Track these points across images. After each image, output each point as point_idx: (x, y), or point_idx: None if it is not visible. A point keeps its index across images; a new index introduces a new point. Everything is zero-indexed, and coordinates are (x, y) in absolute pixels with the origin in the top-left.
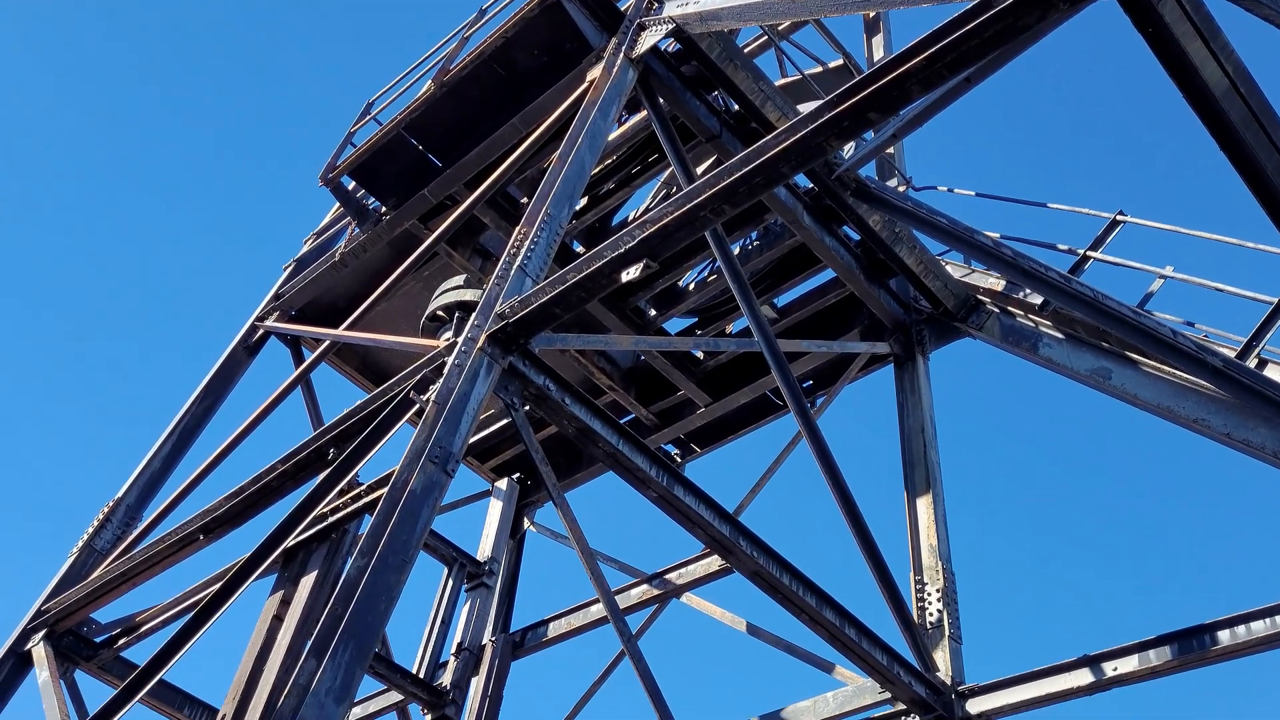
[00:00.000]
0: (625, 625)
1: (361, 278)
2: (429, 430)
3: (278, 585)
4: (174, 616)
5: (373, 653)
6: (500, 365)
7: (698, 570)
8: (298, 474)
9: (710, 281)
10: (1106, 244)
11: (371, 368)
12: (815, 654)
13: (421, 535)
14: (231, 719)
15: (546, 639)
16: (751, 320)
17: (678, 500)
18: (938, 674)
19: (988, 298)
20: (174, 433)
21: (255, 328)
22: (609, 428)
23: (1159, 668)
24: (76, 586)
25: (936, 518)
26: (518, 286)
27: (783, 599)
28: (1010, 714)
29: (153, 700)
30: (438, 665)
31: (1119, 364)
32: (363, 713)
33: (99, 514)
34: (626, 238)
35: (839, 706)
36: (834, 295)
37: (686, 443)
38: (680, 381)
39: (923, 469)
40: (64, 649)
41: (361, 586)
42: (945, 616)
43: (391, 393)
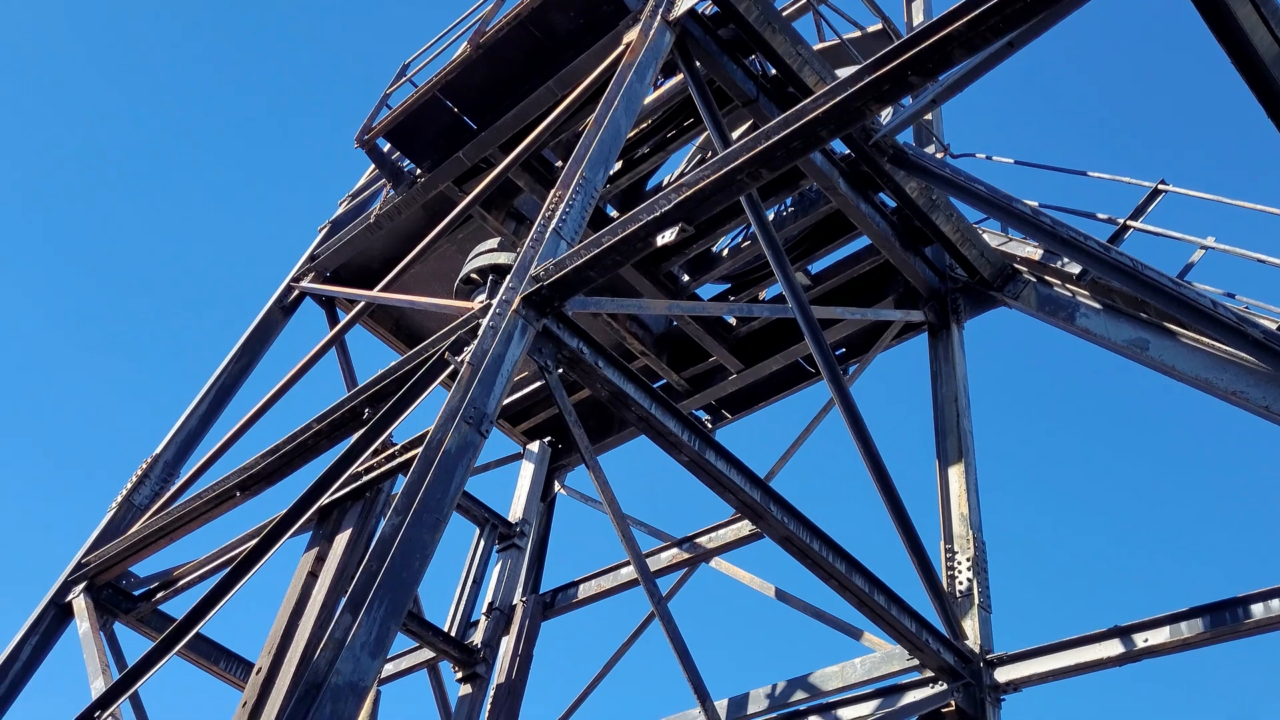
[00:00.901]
0: (655, 587)
1: (396, 240)
2: (463, 391)
3: (312, 542)
4: (211, 571)
5: (407, 609)
6: (534, 328)
7: (728, 535)
8: (333, 433)
9: (744, 247)
10: (1147, 213)
11: (405, 330)
12: (843, 620)
13: (456, 494)
14: (267, 672)
15: (576, 600)
16: (785, 286)
17: (709, 465)
18: (966, 642)
19: (1024, 267)
20: (211, 391)
21: (291, 288)
22: (642, 391)
23: (1190, 640)
24: (115, 541)
25: (968, 487)
26: (552, 249)
27: (812, 565)
28: (1039, 683)
29: (190, 653)
30: (469, 624)
31: (1157, 335)
32: (394, 669)
33: (138, 470)
34: (662, 201)
35: (866, 673)
36: (868, 263)
37: (718, 409)
38: (712, 347)
39: (955, 438)
40: (103, 601)
41: (396, 543)
42: (975, 585)
43: (426, 354)
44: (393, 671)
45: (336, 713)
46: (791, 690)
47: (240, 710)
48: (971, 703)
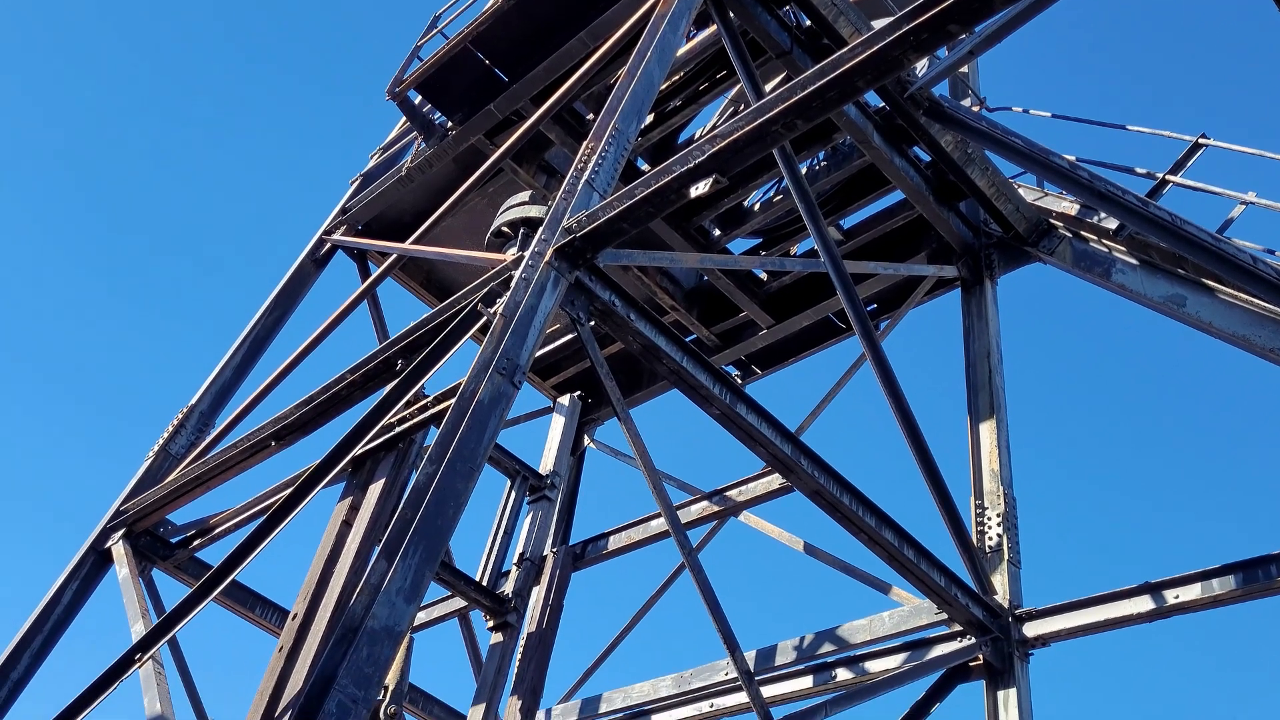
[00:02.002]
0: (686, 538)
1: (427, 193)
2: (496, 342)
3: (346, 492)
4: (246, 520)
5: (441, 556)
6: (567, 280)
7: (758, 488)
8: (366, 384)
9: (776, 202)
10: (1187, 168)
11: (436, 283)
12: (872, 575)
13: (489, 444)
14: (303, 617)
15: (606, 551)
16: (818, 240)
17: (740, 418)
18: (995, 597)
19: (1060, 222)
20: (245, 342)
21: (323, 241)
22: (673, 344)
23: (1221, 597)
24: (153, 489)
25: (999, 443)
26: (585, 201)
27: (842, 519)
28: (1067, 639)
29: (226, 600)
30: (500, 575)
31: (1194, 291)
32: (426, 617)
33: (174, 420)
34: (696, 152)
35: (894, 626)
36: (902, 218)
37: (747, 364)
38: (743, 303)
39: (987, 394)
40: (141, 548)
41: (431, 492)
42: (1005, 541)
43: (459, 305)
44: (425, 620)
45: (373, 656)
46: (819, 643)
47: (277, 655)
48: (999, 657)
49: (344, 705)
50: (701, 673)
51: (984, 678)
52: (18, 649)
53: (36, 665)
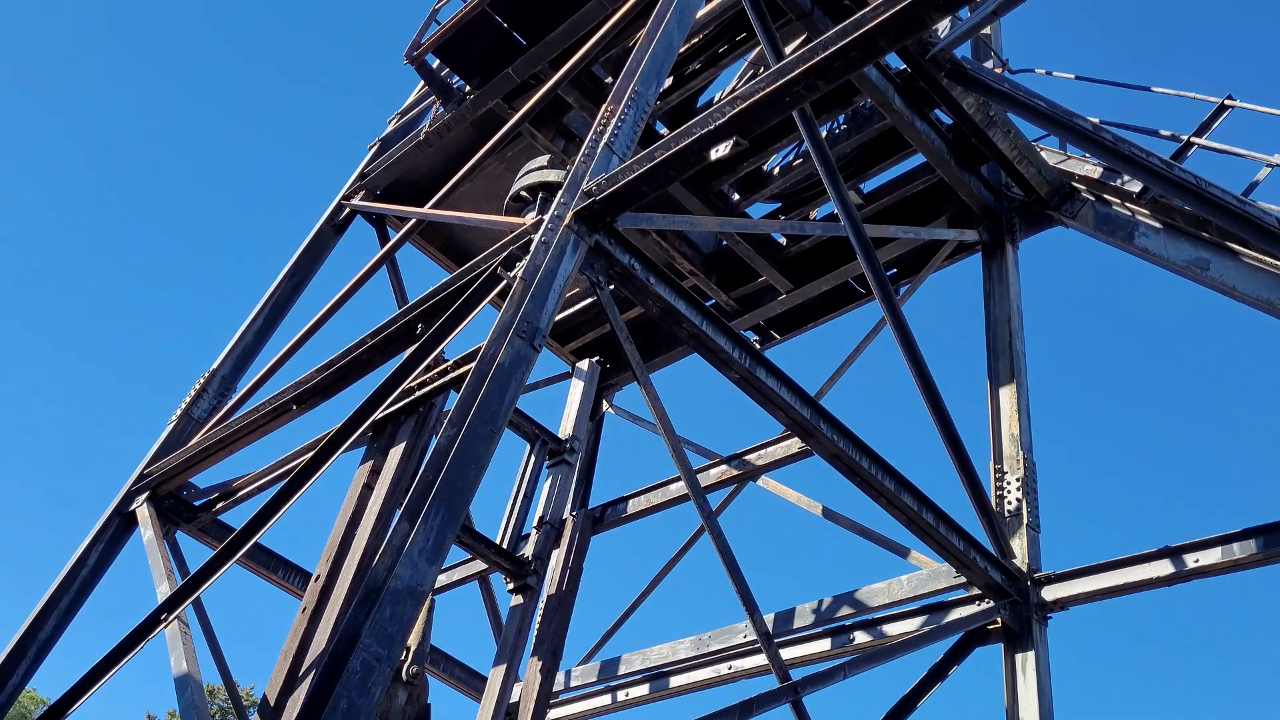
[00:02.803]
0: (705, 501)
1: (445, 158)
2: (516, 306)
3: (367, 456)
4: (268, 483)
5: (463, 517)
6: (586, 243)
7: (776, 452)
8: (386, 348)
9: (795, 166)
10: (1212, 130)
11: (455, 248)
12: (890, 539)
13: (509, 407)
14: (326, 579)
15: (625, 515)
16: (838, 203)
17: (759, 382)
18: (1014, 561)
19: (1083, 185)
20: (265, 307)
21: (341, 206)
22: (693, 308)
23: (1241, 561)
24: (176, 452)
25: (1019, 407)
26: (604, 164)
27: (861, 482)
28: (1086, 602)
29: (249, 562)
30: (520, 538)
31: (1218, 255)
32: (447, 580)
33: (196, 384)
34: (716, 114)
35: (913, 589)
36: (922, 181)
37: (766, 329)
38: (762, 267)
39: (1007, 358)
40: (165, 511)
41: (452, 454)
42: (1024, 505)
43: (478, 270)
44: (445, 582)
45: (396, 615)
46: (838, 606)
47: (300, 615)
48: (1018, 620)
49: (368, 663)
50: (720, 635)
51: (1002, 641)
52: (45, 609)
53: (64, 625)
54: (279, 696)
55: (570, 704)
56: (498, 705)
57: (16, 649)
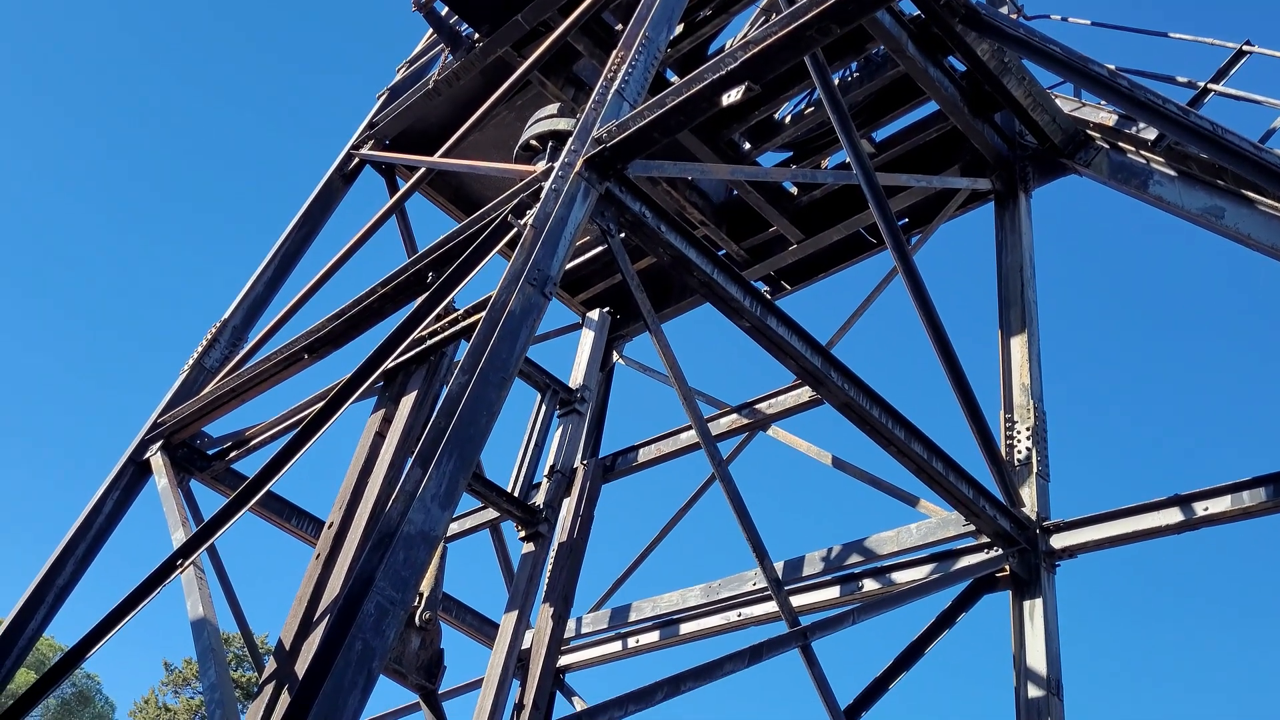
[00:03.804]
0: (716, 449)
1: (454, 107)
2: (527, 253)
3: (379, 405)
4: (281, 432)
5: (474, 464)
6: (597, 190)
7: (787, 401)
8: (397, 297)
9: (807, 114)
10: (1230, 76)
11: (464, 198)
12: (899, 488)
13: (520, 354)
14: (339, 526)
15: (636, 464)
16: (850, 151)
17: (770, 330)
18: (1023, 509)
19: (1098, 133)
20: (275, 258)
21: (351, 156)
22: (704, 256)
23: (1252, 509)
24: (189, 401)
25: (1030, 357)
26: (615, 111)
27: (871, 431)
28: (1094, 550)
29: (263, 510)
30: (531, 486)
31: (1233, 203)
32: (459, 528)
33: (207, 334)
34: (728, 59)
35: (922, 538)
36: (935, 130)
37: (777, 280)
38: (773, 217)
39: (1019, 308)
40: (179, 460)
41: (463, 401)
42: (1034, 454)
43: (489, 217)
44: (457, 531)
45: (409, 560)
46: (847, 554)
47: (314, 562)
48: (1026, 568)
49: (382, 606)
50: (730, 583)
51: (1010, 588)
52: (62, 556)
53: (81, 572)
54: (294, 641)
55: (581, 650)
56: (509, 651)
57: (34, 595)
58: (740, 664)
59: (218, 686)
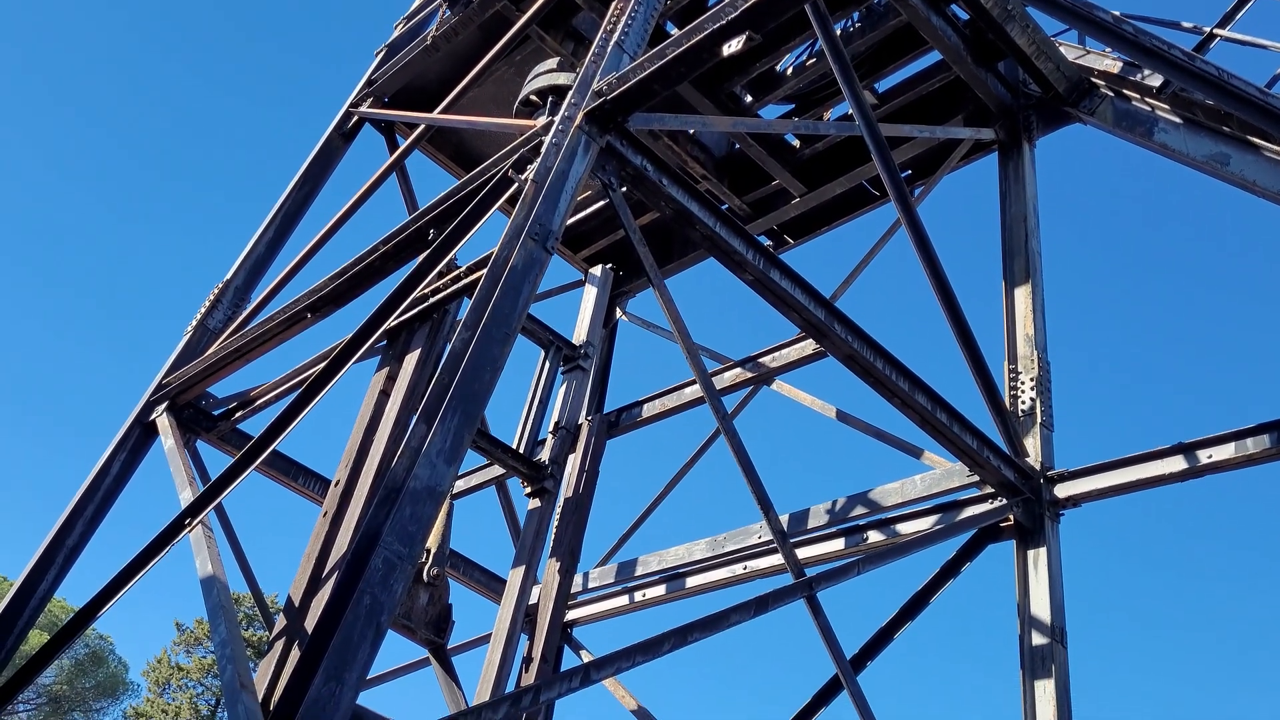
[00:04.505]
0: (720, 403)
1: (453, 62)
2: (528, 208)
3: (382, 363)
4: (285, 392)
5: (479, 419)
6: (598, 144)
7: (790, 354)
8: (399, 254)
9: (809, 65)
10: (1235, 21)
11: (465, 156)
12: (904, 440)
13: (523, 310)
14: (345, 484)
15: (640, 419)
16: (852, 102)
17: (773, 283)
18: (1027, 459)
19: (1102, 80)
20: (276, 218)
21: (350, 114)
22: (706, 210)
23: (1255, 456)
24: (193, 363)
25: (1034, 307)
26: (615, 63)
27: (875, 383)
28: (1098, 499)
29: (269, 470)
30: (536, 443)
31: (1239, 149)
32: (465, 485)
33: (210, 295)
34: (728, 8)
35: (926, 489)
36: (938, 80)
37: (779, 234)
38: (775, 170)
39: (1023, 258)
40: (185, 421)
41: (467, 357)
42: (1038, 404)
43: (489, 173)
44: (463, 488)
45: (416, 515)
46: (851, 506)
47: (321, 520)
48: (1030, 517)
49: (389, 561)
50: (735, 536)
51: (1014, 538)
52: (71, 517)
53: (90, 533)
54: (303, 598)
55: (588, 605)
56: (517, 606)
57: (44, 556)
58: (746, 614)
59: (229, 642)
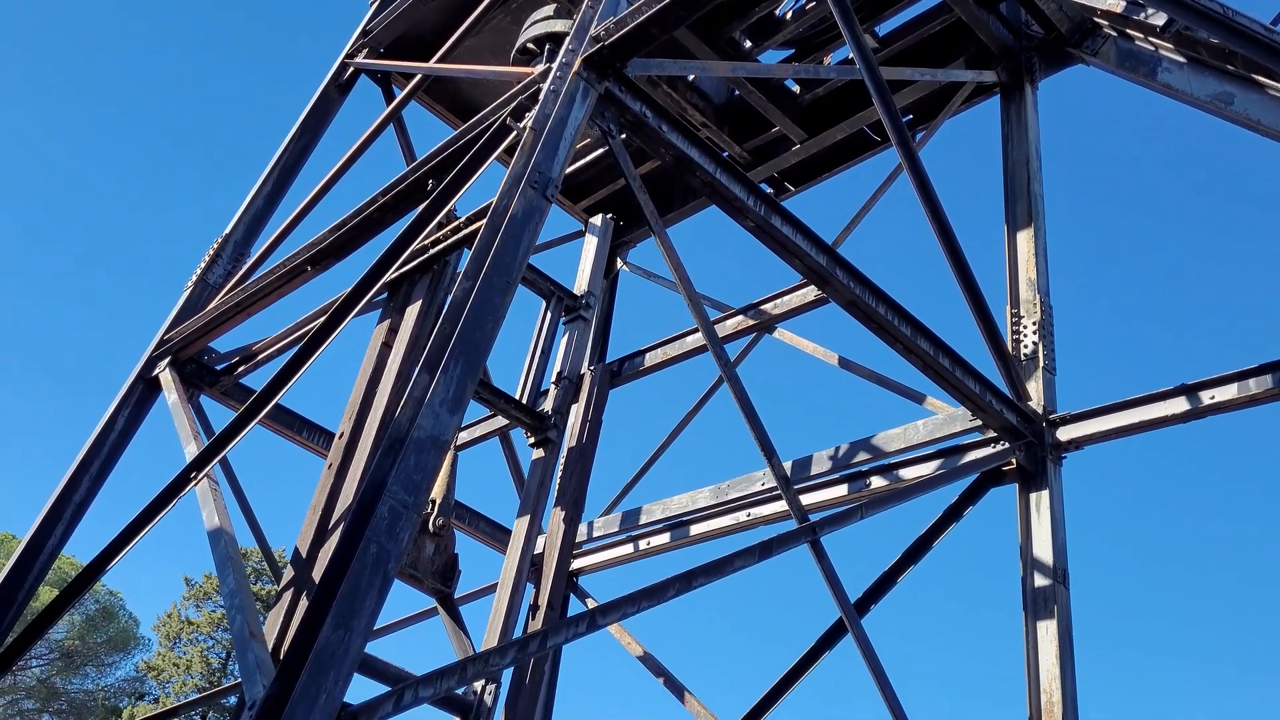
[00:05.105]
0: (723, 351)
1: (449, 12)
2: (527, 156)
3: (384, 315)
4: (287, 346)
5: (481, 368)
6: (596, 90)
7: (792, 301)
8: (398, 206)
9: (809, 9)
10: None
11: (463, 106)
12: (906, 385)
13: (524, 258)
14: (349, 436)
15: (643, 368)
16: (853, 45)
17: (775, 230)
18: (1030, 403)
19: (1105, 20)
20: (274, 171)
21: (345, 65)
22: (706, 156)
23: (1258, 396)
24: (194, 317)
25: (1037, 251)
26: (612, 8)
27: (877, 329)
28: (1100, 441)
29: (274, 424)
30: (539, 393)
31: (1243, 88)
32: (469, 436)
33: (209, 250)
34: None
35: (929, 434)
36: (939, 22)
37: (780, 181)
38: (775, 117)
39: (1025, 202)
40: (188, 375)
41: (468, 306)
42: (1040, 348)
43: (487, 122)
44: (467, 439)
45: (420, 464)
46: (854, 452)
47: (326, 472)
48: (1033, 461)
49: (395, 510)
50: (739, 483)
51: (1017, 481)
52: (77, 473)
53: (96, 488)
54: (310, 549)
55: (593, 554)
56: (523, 555)
57: (52, 512)
58: (751, 559)
59: (237, 593)
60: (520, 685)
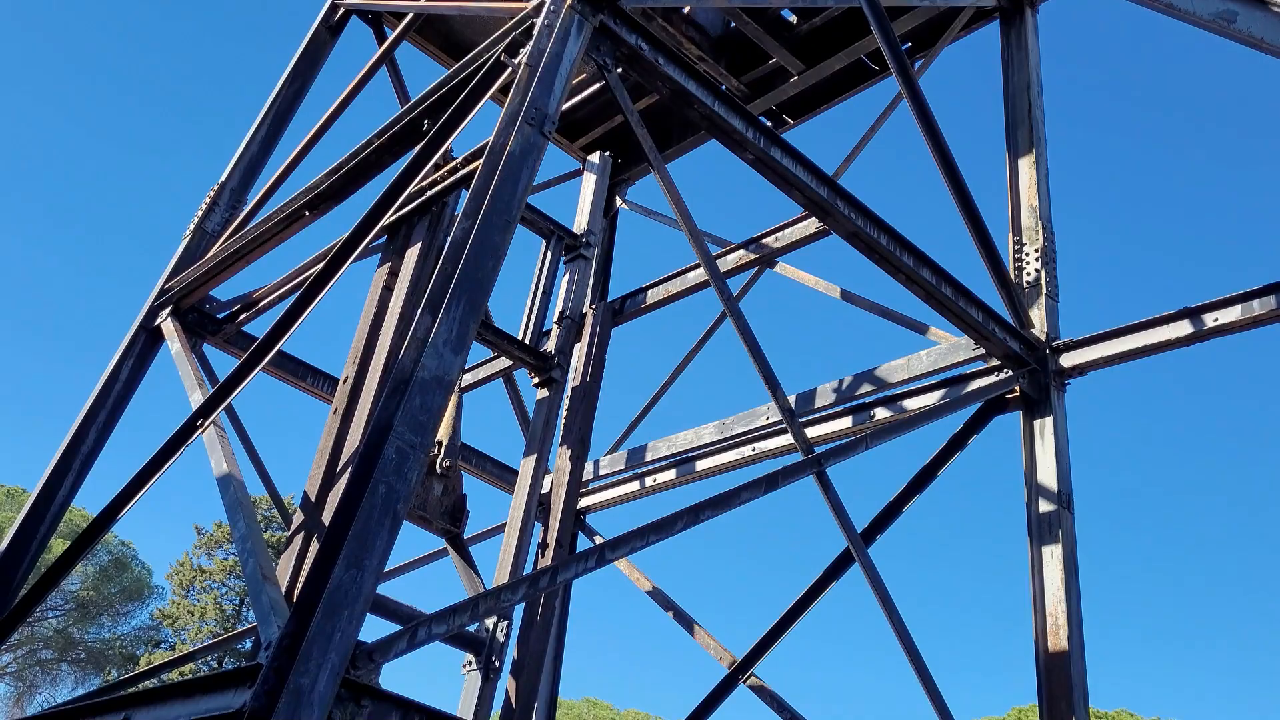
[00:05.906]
0: (725, 285)
1: None
2: (523, 93)
3: (384, 259)
4: (288, 292)
5: (484, 307)
6: (591, 23)
7: (794, 234)
8: (394, 147)
9: None
10: None
11: (455, 45)
12: (909, 316)
13: (523, 196)
14: (354, 380)
15: (645, 305)
16: None
17: (774, 162)
18: (1033, 330)
19: None
20: (267, 116)
21: (335, 6)
22: (704, 88)
23: (1262, 317)
24: (194, 265)
25: (1038, 178)
26: None
27: (879, 259)
28: (1104, 366)
29: (277, 371)
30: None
31: (1246, 5)
32: (473, 379)
33: (205, 198)
34: None
35: (932, 364)
36: None
37: (779, 114)
38: (772, 48)
39: (1026, 128)
40: (190, 324)
41: (469, 245)
42: (1043, 275)
43: (481, 59)
44: (471, 381)
45: (426, 404)
46: (858, 384)
47: (332, 416)
48: (1036, 388)
49: (402, 450)
50: (743, 418)
51: (1021, 409)
52: (84, 425)
53: (103, 439)
54: (319, 493)
55: (600, 492)
56: (530, 495)
57: (60, 464)
58: (757, 491)
59: (248, 537)
60: (531, 622)
